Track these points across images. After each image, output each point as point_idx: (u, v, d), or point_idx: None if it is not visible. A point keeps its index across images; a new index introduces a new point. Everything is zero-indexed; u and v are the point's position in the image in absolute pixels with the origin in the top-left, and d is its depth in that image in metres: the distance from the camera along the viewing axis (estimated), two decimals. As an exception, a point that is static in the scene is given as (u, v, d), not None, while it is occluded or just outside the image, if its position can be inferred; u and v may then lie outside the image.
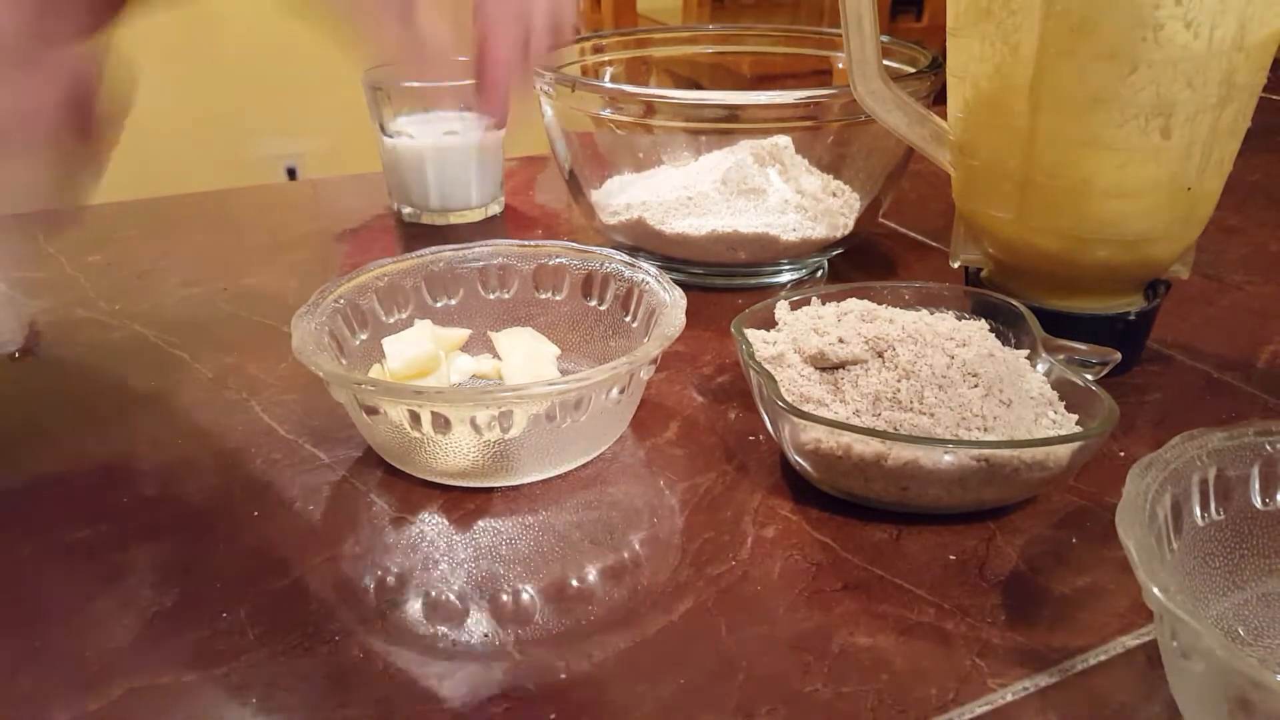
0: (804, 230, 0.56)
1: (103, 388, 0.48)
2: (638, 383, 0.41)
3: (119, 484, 0.40)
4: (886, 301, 0.45)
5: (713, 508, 0.39)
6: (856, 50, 0.48)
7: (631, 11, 1.84)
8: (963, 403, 0.38)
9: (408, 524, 0.38)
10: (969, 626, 0.33)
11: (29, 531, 0.38)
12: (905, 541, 0.37)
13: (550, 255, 0.48)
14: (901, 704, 0.30)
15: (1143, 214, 0.43)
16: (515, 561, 0.36)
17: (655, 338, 0.40)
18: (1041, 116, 0.42)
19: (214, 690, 0.31)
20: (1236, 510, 0.32)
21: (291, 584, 0.35)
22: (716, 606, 0.34)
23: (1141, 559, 0.26)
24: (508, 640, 0.33)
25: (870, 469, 0.36)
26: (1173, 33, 0.39)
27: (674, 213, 0.55)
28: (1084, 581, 0.35)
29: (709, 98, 0.53)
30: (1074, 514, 0.39)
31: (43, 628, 0.33)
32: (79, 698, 0.30)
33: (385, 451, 0.41)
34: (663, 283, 0.44)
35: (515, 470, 0.39)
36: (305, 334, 0.40)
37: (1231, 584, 0.32)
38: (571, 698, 0.30)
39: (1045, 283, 0.47)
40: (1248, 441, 0.32)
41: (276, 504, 0.39)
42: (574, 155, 0.59)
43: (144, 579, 0.35)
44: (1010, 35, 0.42)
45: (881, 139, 0.55)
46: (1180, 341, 0.51)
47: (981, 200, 0.47)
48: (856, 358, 0.40)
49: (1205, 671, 0.25)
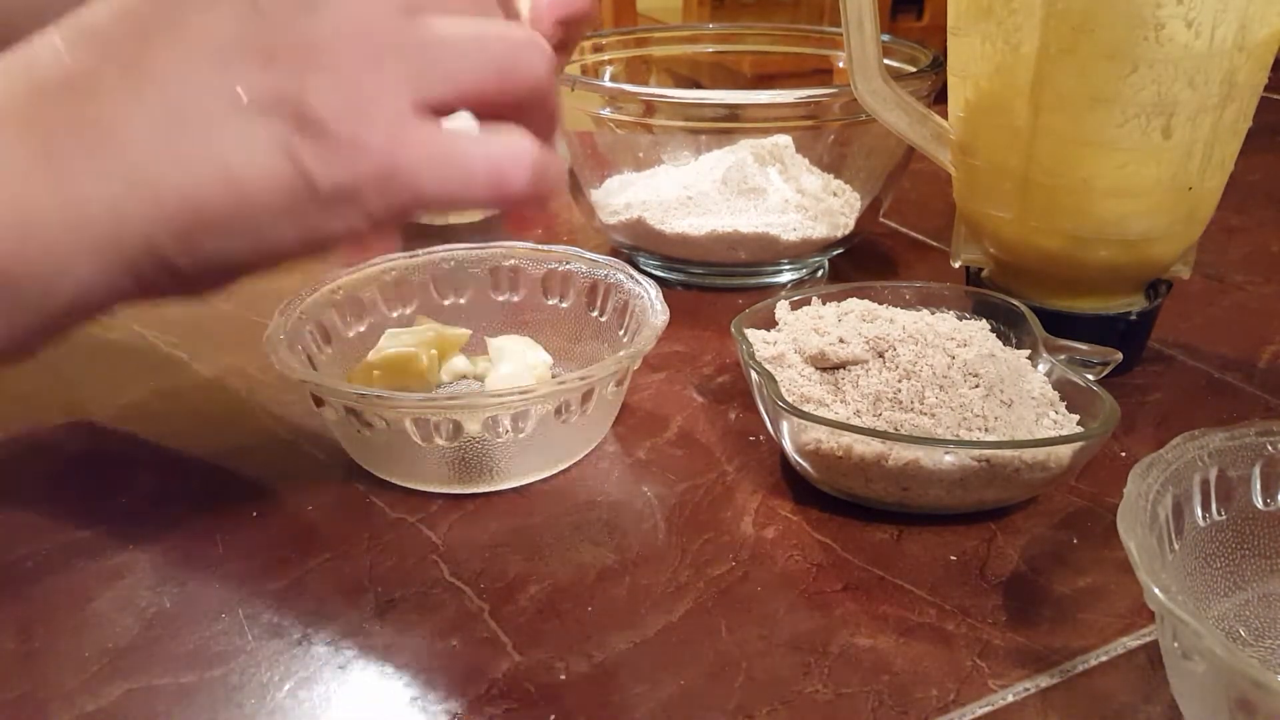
0: (804, 230, 0.55)
1: (102, 388, 0.48)
2: (602, 398, 0.40)
3: (119, 484, 0.40)
4: (887, 301, 0.45)
5: (713, 508, 0.39)
6: (857, 49, 0.48)
7: (631, 11, 1.84)
8: (964, 403, 0.38)
9: (406, 524, 0.38)
10: (970, 627, 0.33)
11: (29, 531, 0.38)
12: (906, 542, 0.37)
13: (561, 260, 0.47)
14: (902, 705, 0.30)
15: (1144, 214, 0.43)
16: (515, 562, 0.36)
17: (617, 357, 0.39)
18: (1042, 116, 0.42)
19: (213, 691, 0.31)
20: (1238, 511, 0.32)
21: (291, 584, 0.35)
22: (716, 607, 0.34)
23: (1142, 559, 0.26)
24: (507, 640, 0.32)
25: (871, 469, 0.36)
26: (1174, 32, 0.38)
27: (674, 212, 0.55)
28: (1085, 582, 0.35)
29: (709, 97, 0.53)
30: (1075, 514, 0.39)
31: (42, 628, 0.33)
32: (78, 698, 0.30)
33: (355, 453, 0.41)
34: (655, 302, 0.42)
35: (470, 480, 0.39)
36: (279, 325, 0.40)
37: (1233, 584, 0.32)
38: (571, 698, 0.30)
39: (1046, 283, 0.47)
40: (1249, 442, 0.32)
41: (276, 504, 0.39)
42: (574, 155, 0.59)
43: (143, 579, 0.35)
44: (1011, 34, 0.42)
45: (882, 138, 0.55)
46: (1181, 341, 0.51)
47: (982, 200, 0.47)
48: (857, 358, 0.40)
49: (1206, 672, 0.25)
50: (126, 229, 0.25)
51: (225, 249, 0.27)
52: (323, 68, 0.25)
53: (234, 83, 0.25)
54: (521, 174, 0.27)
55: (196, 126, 0.25)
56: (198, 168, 0.25)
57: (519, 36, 0.28)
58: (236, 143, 0.25)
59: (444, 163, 0.27)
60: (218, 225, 0.26)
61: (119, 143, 0.25)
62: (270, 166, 0.26)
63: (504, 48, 0.28)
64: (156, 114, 0.25)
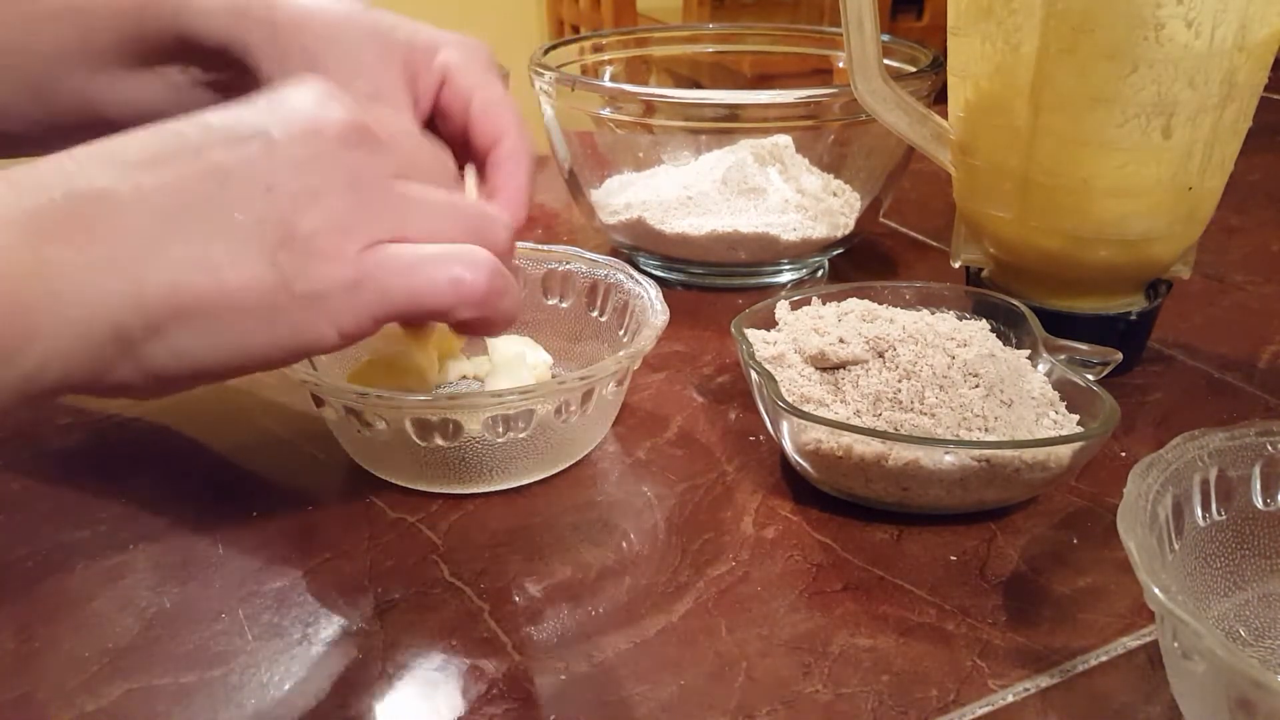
0: (804, 230, 0.55)
1: (102, 387, 0.48)
2: (602, 398, 0.40)
3: (119, 484, 0.40)
4: (887, 301, 0.45)
5: (713, 508, 0.39)
6: (857, 49, 0.48)
7: (631, 11, 1.84)
8: (964, 403, 0.38)
9: (406, 524, 0.38)
10: (970, 627, 0.33)
11: (29, 531, 0.38)
12: (906, 542, 0.37)
13: (561, 260, 0.47)
14: (902, 705, 0.30)
15: (1144, 214, 0.43)
16: (515, 562, 0.36)
17: (617, 357, 0.39)
18: (1042, 116, 0.42)
19: (213, 691, 0.31)
20: (1238, 511, 0.32)
21: (291, 584, 0.35)
22: (716, 607, 0.34)
23: (1142, 559, 0.26)
24: (507, 640, 0.32)
25: (871, 469, 0.36)
26: (1174, 32, 0.38)
27: (674, 212, 0.55)
28: (1085, 582, 0.35)
29: (709, 97, 0.53)
30: (1075, 514, 0.39)
31: (42, 628, 0.33)
32: (78, 698, 0.30)
33: (355, 453, 0.41)
34: (655, 302, 0.42)
35: (470, 480, 0.39)
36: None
37: (1233, 584, 0.32)
38: (571, 698, 0.30)
39: (1046, 283, 0.47)
40: (1249, 442, 0.32)
41: (276, 504, 0.39)
42: (574, 155, 0.59)
43: (143, 579, 0.35)
44: (1011, 34, 0.42)
45: (882, 138, 0.55)
46: (1181, 341, 0.51)
47: (982, 200, 0.47)
48: (857, 358, 0.40)
49: (1206, 672, 0.25)
50: (103, 308, 0.26)
51: (194, 346, 0.28)
52: (316, 207, 0.28)
53: (233, 206, 0.27)
54: (480, 278, 0.30)
55: (191, 235, 0.27)
56: (184, 265, 0.27)
57: (488, 210, 0.33)
58: (224, 250, 0.27)
59: (409, 270, 0.29)
60: (193, 319, 0.27)
61: (112, 233, 0.26)
62: (251, 270, 0.27)
63: (474, 214, 0.32)
64: (154, 222, 0.27)
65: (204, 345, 0.28)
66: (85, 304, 0.26)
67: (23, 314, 0.25)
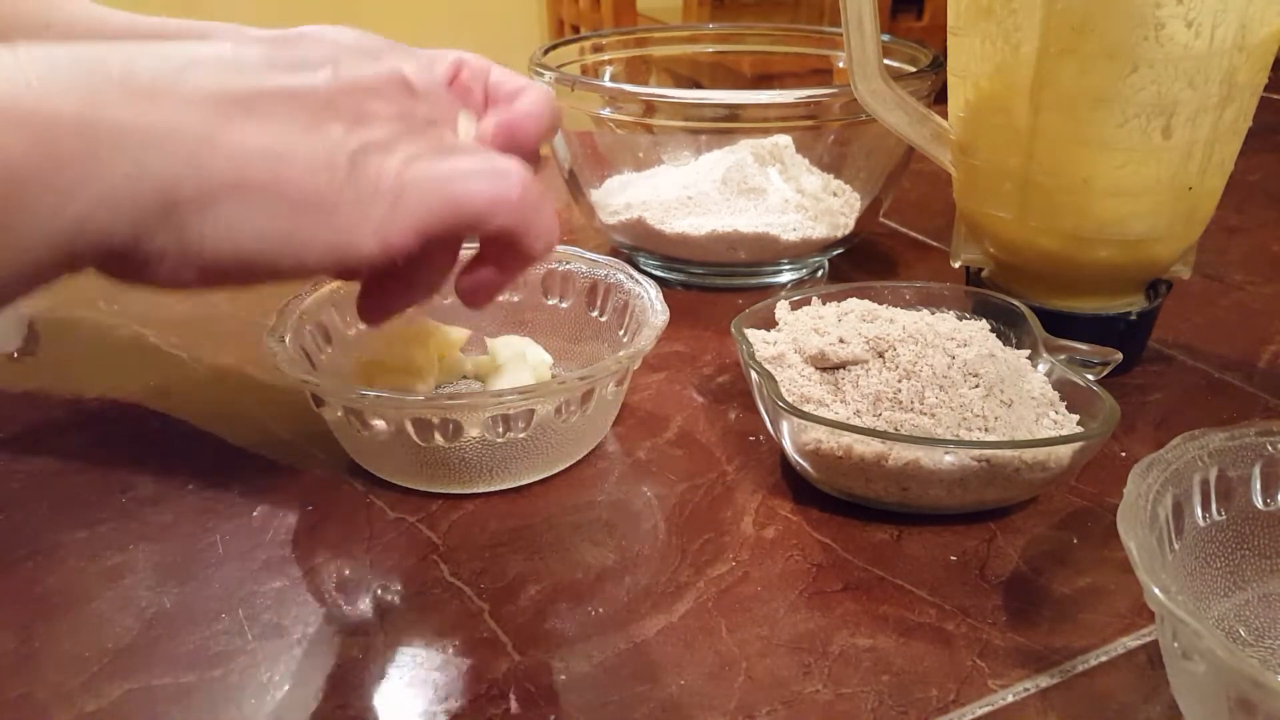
0: (804, 230, 0.55)
1: (103, 387, 0.48)
2: (602, 398, 0.40)
3: (119, 484, 0.40)
4: (887, 301, 0.45)
5: (713, 508, 0.39)
6: (857, 49, 0.48)
7: (631, 10, 1.84)
8: (964, 403, 0.38)
9: (406, 524, 0.38)
10: (970, 627, 0.33)
11: (29, 531, 0.38)
12: (906, 542, 0.37)
13: (561, 260, 0.47)
14: (902, 705, 0.30)
15: (1144, 214, 0.43)
16: (515, 562, 0.36)
17: (617, 357, 0.39)
18: (1042, 116, 0.42)
19: (213, 691, 0.31)
20: (1238, 511, 0.32)
21: (291, 584, 0.35)
22: (716, 607, 0.34)
23: (1143, 559, 0.26)
24: (508, 640, 0.32)
25: (871, 469, 0.36)
26: (1174, 32, 0.38)
27: (674, 212, 0.55)
28: (1085, 582, 0.35)
29: (709, 97, 0.53)
30: (1075, 514, 0.39)
31: (42, 628, 0.33)
32: (78, 698, 0.30)
33: (355, 453, 0.41)
34: (655, 302, 0.42)
35: (470, 480, 0.39)
36: (279, 325, 0.41)
37: (1233, 584, 0.32)
38: (571, 698, 0.30)
39: (1046, 283, 0.47)
40: (1249, 442, 0.32)
41: (276, 504, 0.39)
42: (573, 155, 0.59)
43: (143, 579, 0.35)
44: (1011, 34, 0.42)
45: (882, 138, 0.55)
46: (1181, 342, 0.51)
47: (982, 200, 0.47)
48: (857, 358, 0.40)
49: (1206, 672, 0.25)
50: (162, 166, 0.26)
51: (243, 225, 0.27)
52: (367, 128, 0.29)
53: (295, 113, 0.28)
54: (513, 182, 0.30)
55: (255, 123, 0.27)
56: (247, 143, 0.27)
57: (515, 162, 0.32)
58: (287, 141, 0.28)
59: (446, 178, 0.30)
60: (250, 195, 0.27)
61: (177, 109, 0.26)
62: (310, 163, 0.28)
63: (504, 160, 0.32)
64: (220, 108, 0.27)
65: (253, 226, 0.27)
66: (142, 161, 0.25)
67: (80, 161, 0.25)
